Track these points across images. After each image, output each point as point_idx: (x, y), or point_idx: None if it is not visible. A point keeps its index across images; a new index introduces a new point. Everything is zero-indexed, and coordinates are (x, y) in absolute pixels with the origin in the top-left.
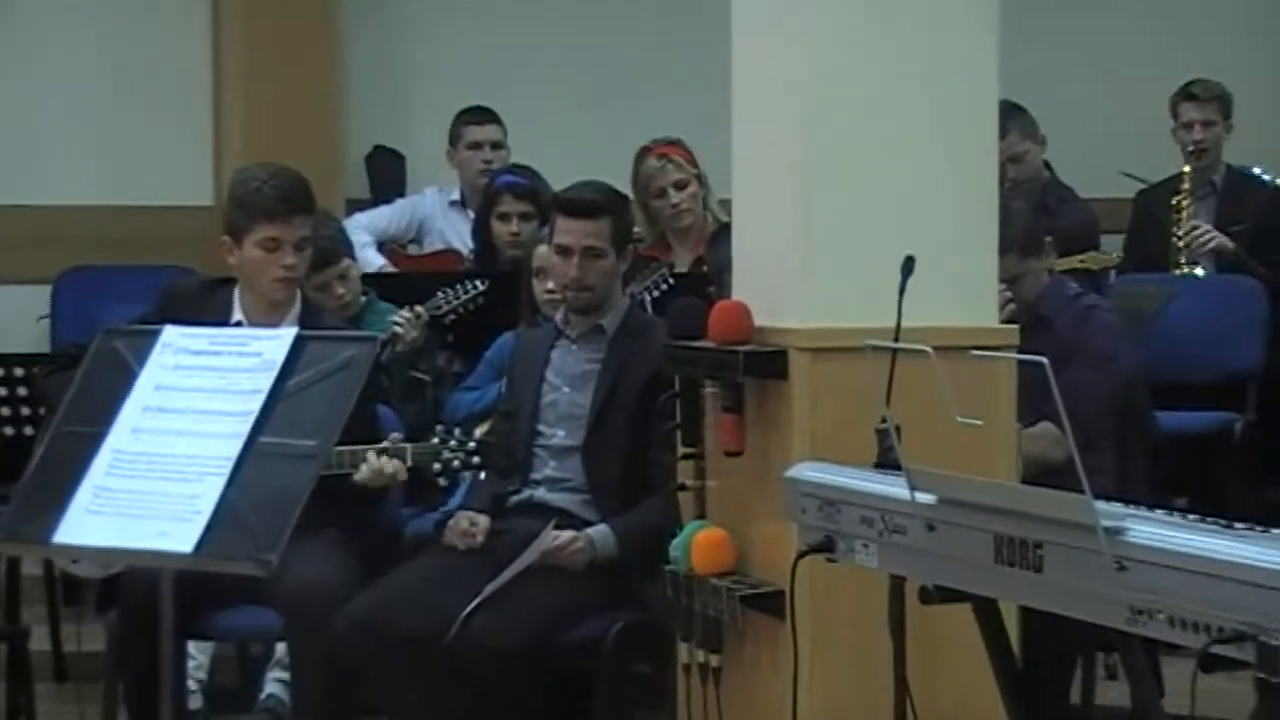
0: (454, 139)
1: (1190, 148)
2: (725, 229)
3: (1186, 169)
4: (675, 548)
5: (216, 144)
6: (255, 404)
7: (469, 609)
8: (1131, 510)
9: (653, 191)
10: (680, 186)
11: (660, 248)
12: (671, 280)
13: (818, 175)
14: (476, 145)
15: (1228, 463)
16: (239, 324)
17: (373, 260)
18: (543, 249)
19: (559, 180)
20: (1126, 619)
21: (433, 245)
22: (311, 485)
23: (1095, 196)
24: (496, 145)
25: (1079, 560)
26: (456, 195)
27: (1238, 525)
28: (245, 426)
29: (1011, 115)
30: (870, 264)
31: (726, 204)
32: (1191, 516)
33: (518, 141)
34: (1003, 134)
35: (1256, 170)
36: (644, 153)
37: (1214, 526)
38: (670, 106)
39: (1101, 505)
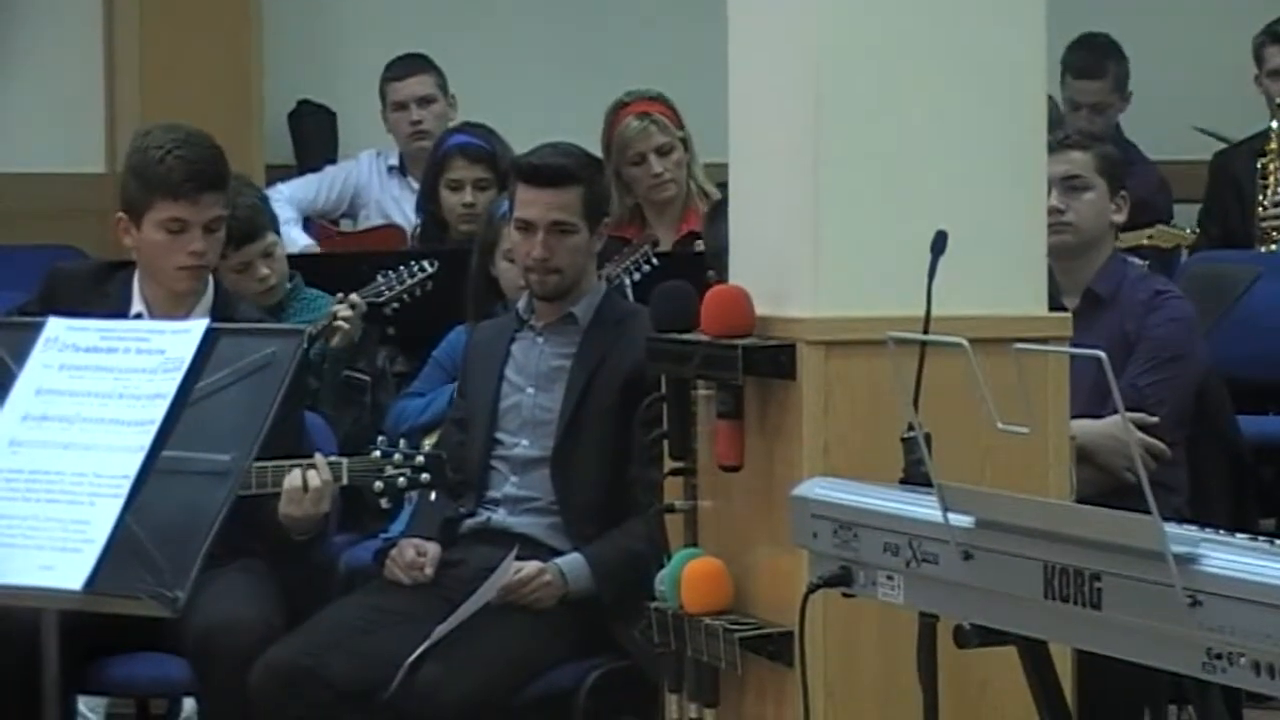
0: (382, 98)
1: (1279, 100)
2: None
3: (1275, 125)
4: (662, 581)
5: (109, 98)
6: (158, 411)
7: (414, 655)
8: (1208, 534)
9: (629, 157)
10: (663, 152)
11: (632, 224)
12: (656, 260)
13: (831, 136)
14: (402, 106)
15: None
16: (138, 316)
17: (297, 239)
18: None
19: (520, 142)
20: (1202, 664)
21: (369, 220)
22: (225, 508)
23: (1165, 159)
24: (426, 100)
25: (1145, 594)
26: (395, 159)
27: None
28: (146, 438)
29: (1111, 56)
30: (894, 241)
31: (715, 170)
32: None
33: (470, 96)
34: (1098, 74)
35: None
36: (619, 109)
37: None
38: (650, 54)
39: (1172, 528)
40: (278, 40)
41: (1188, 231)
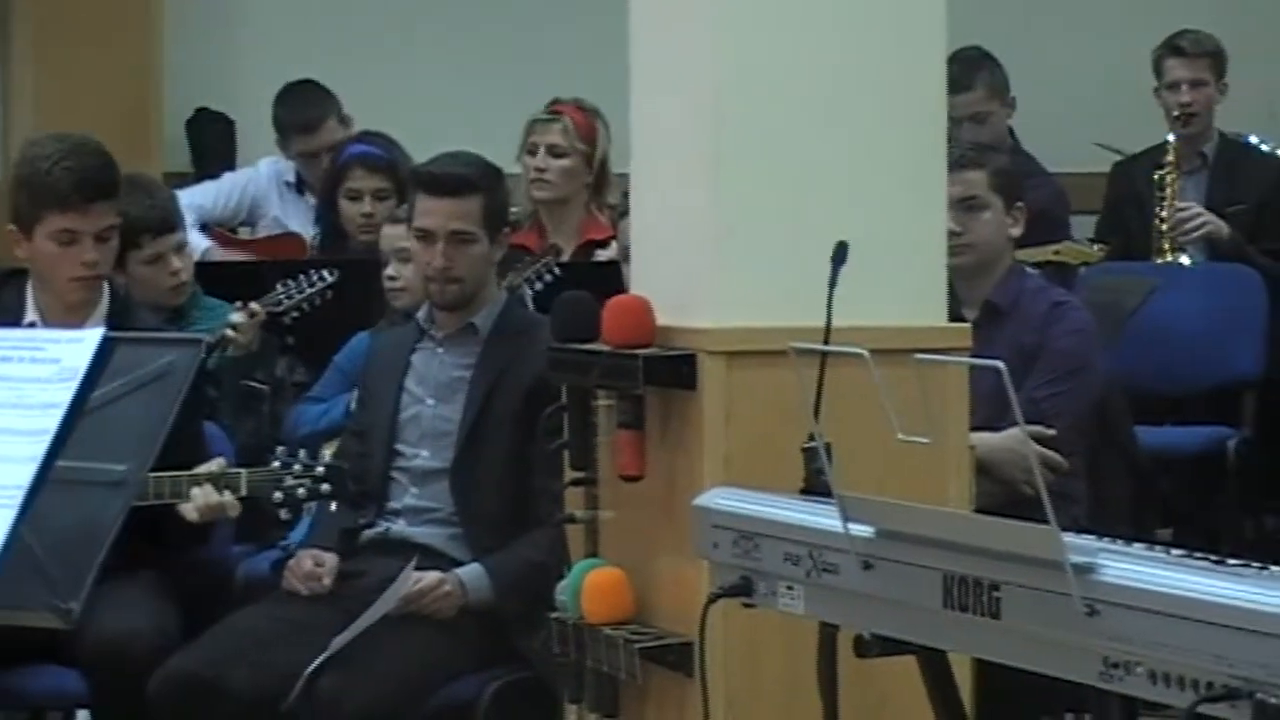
0: (278, 128)
1: (1176, 112)
2: None
3: (1171, 138)
4: (563, 591)
5: (4, 107)
6: (52, 421)
7: (313, 666)
8: (1106, 544)
9: (526, 144)
10: (556, 153)
11: (531, 233)
12: (559, 270)
13: (732, 146)
14: (312, 155)
15: (1221, 487)
16: (32, 325)
17: (198, 243)
18: (389, 228)
19: (423, 152)
20: (1099, 673)
21: (268, 230)
22: (122, 519)
23: (1063, 170)
24: (332, 147)
25: (1043, 604)
26: (293, 176)
27: (1231, 561)
28: (40, 448)
29: (981, 66)
30: (795, 252)
31: (621, 180)
32: (1177, 551)
33: (369, 106)
34: (967, 86)
35: (1253, 139)
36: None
37: (1203, 563)
38: (553, 62)
39: (1071, 538)
40: (176, 48)
41: (1094, 249)
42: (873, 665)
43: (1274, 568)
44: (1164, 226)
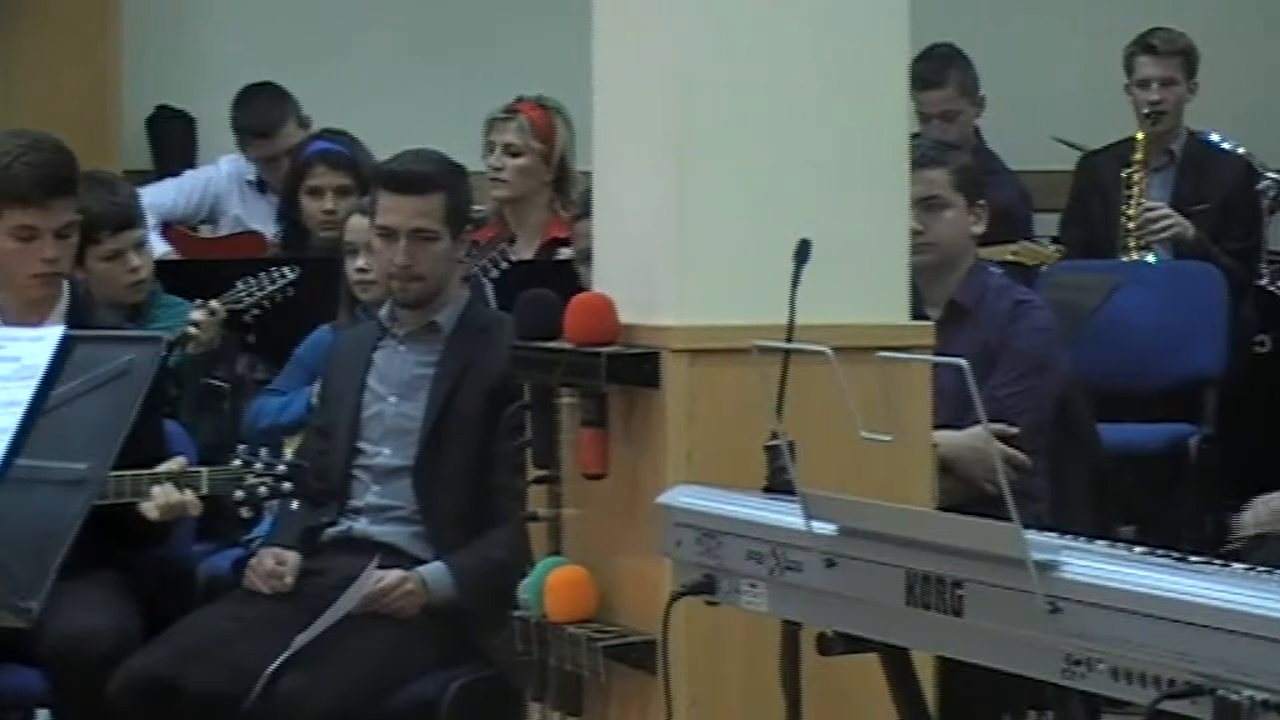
0: (237, 131)
1: (1146, 110)
2: None
3: (1140, 135)
4: (526, 590)
5: None
6: (12, 419)
7: (275, 665)
8: (1069, 541)
9: (485, 142)
10: (511, 152)
11: (496, 230)
12: (511, 260)
13: (696, 144)
14: (272, 159)
15: (1182, 485)
16: None
17: (156, 246)
18: (356, 220)
19: (385, 151)
20: (1062, 670)
21: (230, 228)
22: (82, 517)
23: (1026, 168)
24: (290, 151)
25: (1006, 601)
26: (254, 175)
27: (1193, 559)
28: None
29: (952, 64)
30: (758, 250)
31: (584, 178)
32: (1139, 548)
33: (331, 104)
34: (938, 83)
35: (1214, 137)
36: (513, 103)
37: (1165, 560)
38: (516, 60)
39: (1033, 535)
40: (137, 45)
41: (1051, 249)
42: (836, 663)
43: (1235, 564)
44: (1131, 224)
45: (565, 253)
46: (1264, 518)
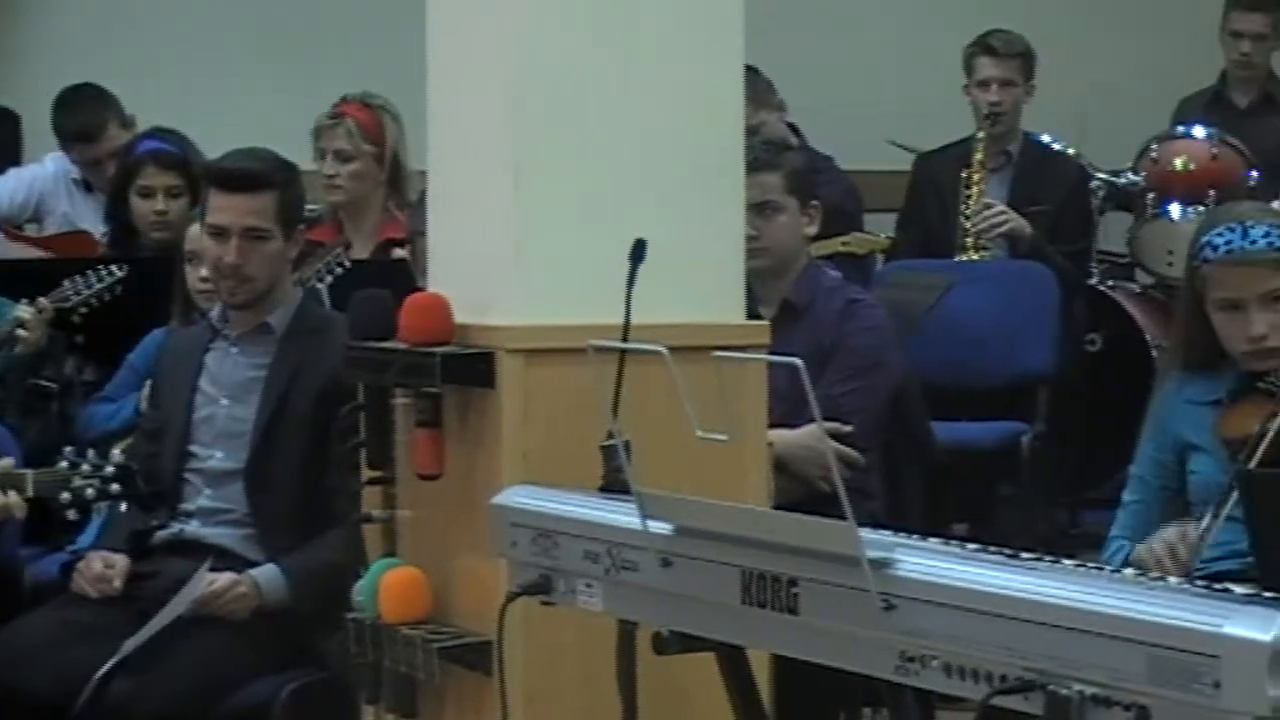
0: (58, 134)
1: (985, 110)
2: None
3: (980, 135)
4: (360, 592)
5: None
6: None
7: (104, 670)
8: (902, 539)
9: (317, 148)
10: (342, 158)
11: (330, 229)
12: (349, 264)
13: (531, 144)
14: (95, 162)
15: (1014, 482)
16: None
17: None
18: (195, 229)
19: (215, 150)
20: (895, 667)
21: (57, 227)
22: None
23: (858, 168)
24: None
25: (840, 599)
26: (79, 174)
27: (1025, 555)
28: None
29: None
30: (593, 250)
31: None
32: (972, 546)
33: (159, 103)
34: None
35: (1045, 138)
36: (338, 104)
37: (997, 557)
38: (348, 58)
39: (867, 533)
40: None
41: (882, 237)
42: (672, 662)
43: (1066, 561)
44: (969, 224)
45: (400, 253)
46: (1160, 553)
